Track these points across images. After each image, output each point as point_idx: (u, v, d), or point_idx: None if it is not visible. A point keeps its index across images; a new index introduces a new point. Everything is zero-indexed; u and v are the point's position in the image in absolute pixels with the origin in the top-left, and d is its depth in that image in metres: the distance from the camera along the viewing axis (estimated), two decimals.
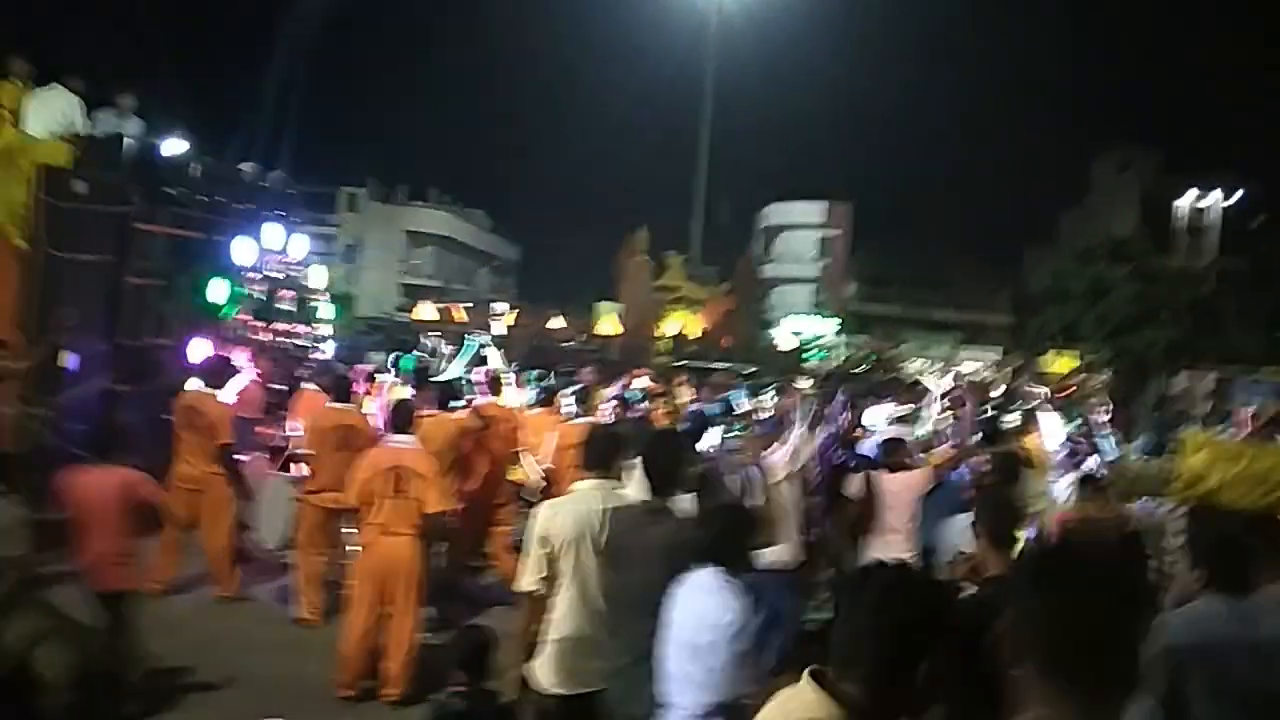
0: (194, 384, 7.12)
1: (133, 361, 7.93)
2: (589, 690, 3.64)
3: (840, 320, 44.49)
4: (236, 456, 7.22)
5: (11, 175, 7.72)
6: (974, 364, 43.77)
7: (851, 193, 48.37)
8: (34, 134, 8.20)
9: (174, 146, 9.19)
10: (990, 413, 8.87)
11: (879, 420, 8.02)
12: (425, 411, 6.73)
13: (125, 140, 8.61)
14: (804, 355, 31.35)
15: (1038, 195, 57.76)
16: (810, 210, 49.34)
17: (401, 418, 5.90)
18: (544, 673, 3.75)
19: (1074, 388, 15.55)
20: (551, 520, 3.77)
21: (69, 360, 7.42)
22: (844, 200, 48.57)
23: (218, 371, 7.28)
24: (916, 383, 10.39)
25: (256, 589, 7.32)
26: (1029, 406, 8.62)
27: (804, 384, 10.12)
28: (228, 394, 7.22)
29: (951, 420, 7.78)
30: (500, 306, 29.07)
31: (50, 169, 7.65)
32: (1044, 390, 9.55)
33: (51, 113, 8.36)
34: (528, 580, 3.77)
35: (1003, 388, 9.94)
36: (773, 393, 9.14)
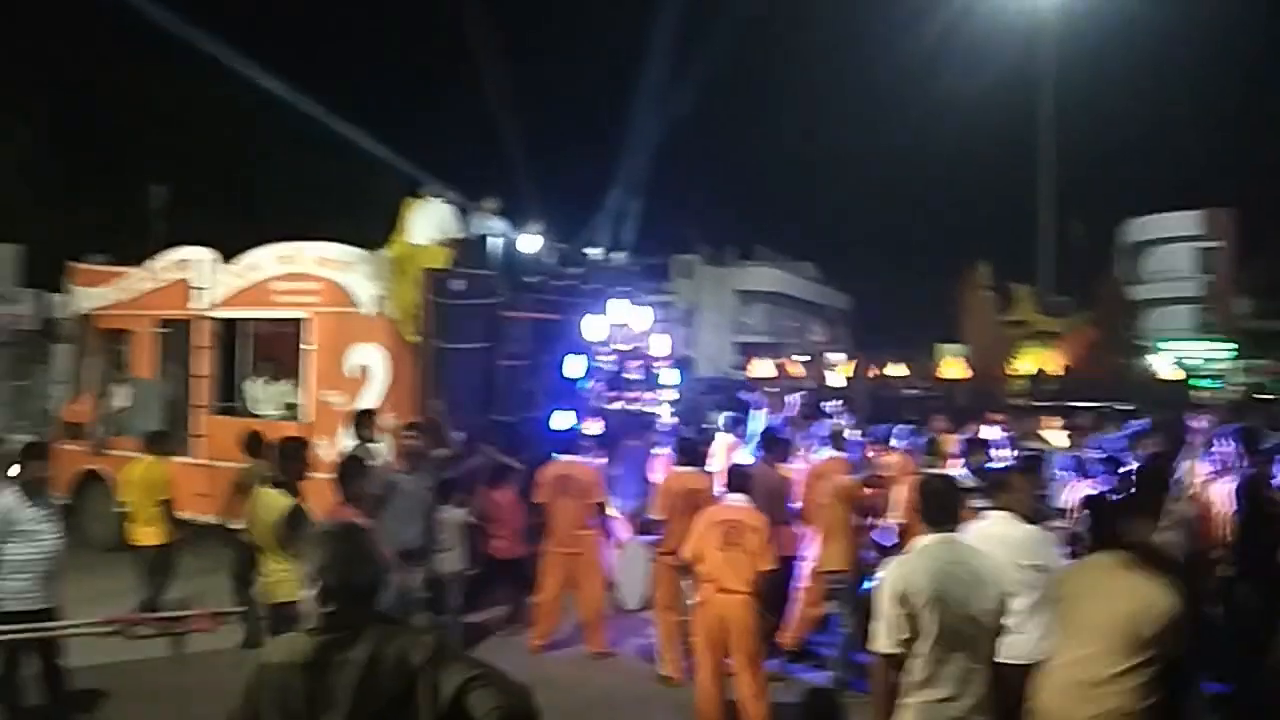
0: (563, 454, 7.70)
1: (508, 435, 8.76)
2: None
3: (1235, 343, 38.82)
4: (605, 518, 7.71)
5: (404, 280, 8.97)
6: None
7: (1230, 194, 42.23)
8: (419, 242, 9.47)
9: (531, 240, 10.16)
10: None
11: None
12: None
13: (491, 239, 9.67)
14: (1192, 384, 27.57)
15: None
16: (1185, 221, 43.69)
17: (736, 479, 6.05)
18: None
19: None
20: (907, 579, 3.60)
21: (456, 437, 8.34)
22: (1221, 205, 42.51)
23: (578, 440, 7.86)
24: None
25: (624, 645, 7.67)
26: None
27: (1201, 421, 8.79)
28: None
29: None
30: (835, 357, 28.78)
31: (433, 271, 8.77)
32: None
33: (432, 222, 9.62)
34: (884, 642, 3.62)
35: None
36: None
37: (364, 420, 7.82)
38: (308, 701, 2.19)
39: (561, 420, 8.52)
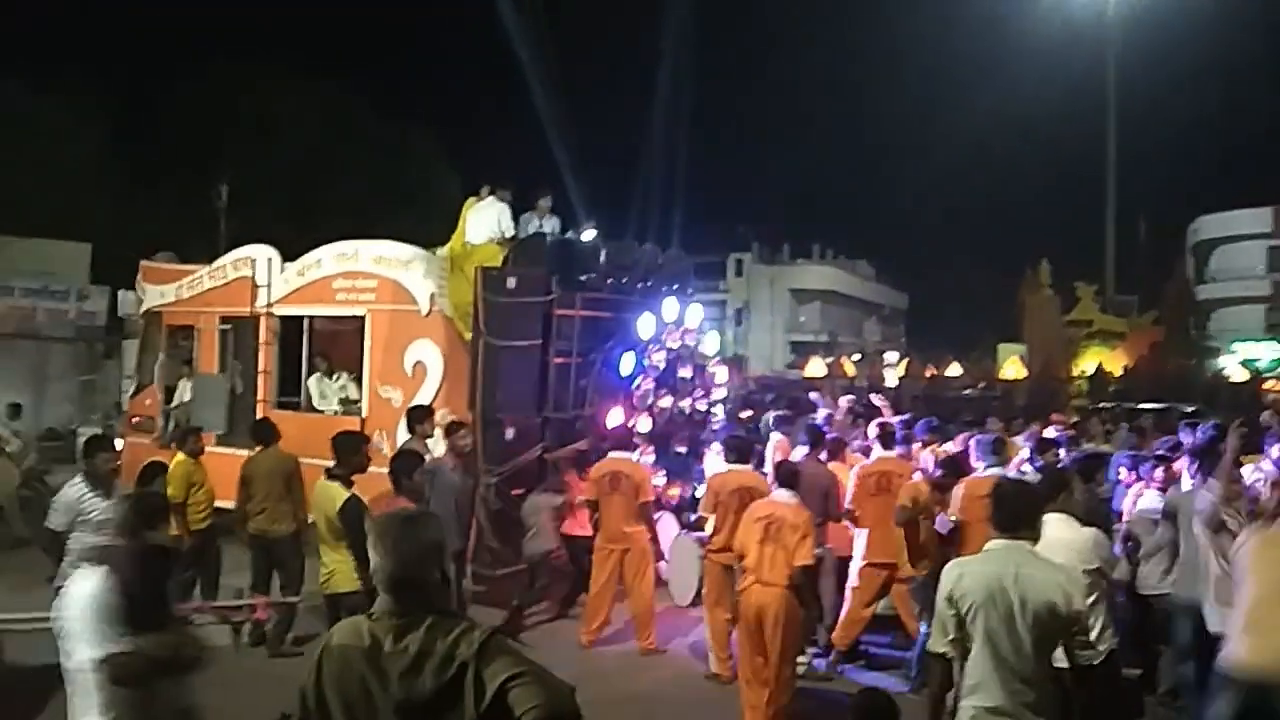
0: (614, 451, 7.75)
1: (560, 432, 8.83)
2: None
3: None
4: (654, 516, 7.74)
5: (460, 278, 9.09)
6: None
7: None
8: (474, 241, 9.59)
9: (584, 238, 10.23)
10: None
11: None
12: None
13: (545, 237, 9.76)
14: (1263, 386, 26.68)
15: None
16: (1254, 218, 42.20)
17: (784, 476, 6.12)
18: None
19: None
20: (959, 581, 3.59)
21: (509, 433, 8.44)
22: None
23: (629, 437, 7.90)
24: None
25: (674, 643, 7.69)
26: None
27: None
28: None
29: None
30: (890, 356, 28.40)
31: (487, 270, 8.88)
32: None
33: (487, 221, 9.74)
34: (937, 642, 3.63)
35: None
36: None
37: (419, 415, 7.95)
38: (362, 685, 2.23)
39: (613, 417, 8.55)
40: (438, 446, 7.68)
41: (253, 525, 7.36)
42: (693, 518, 8.16)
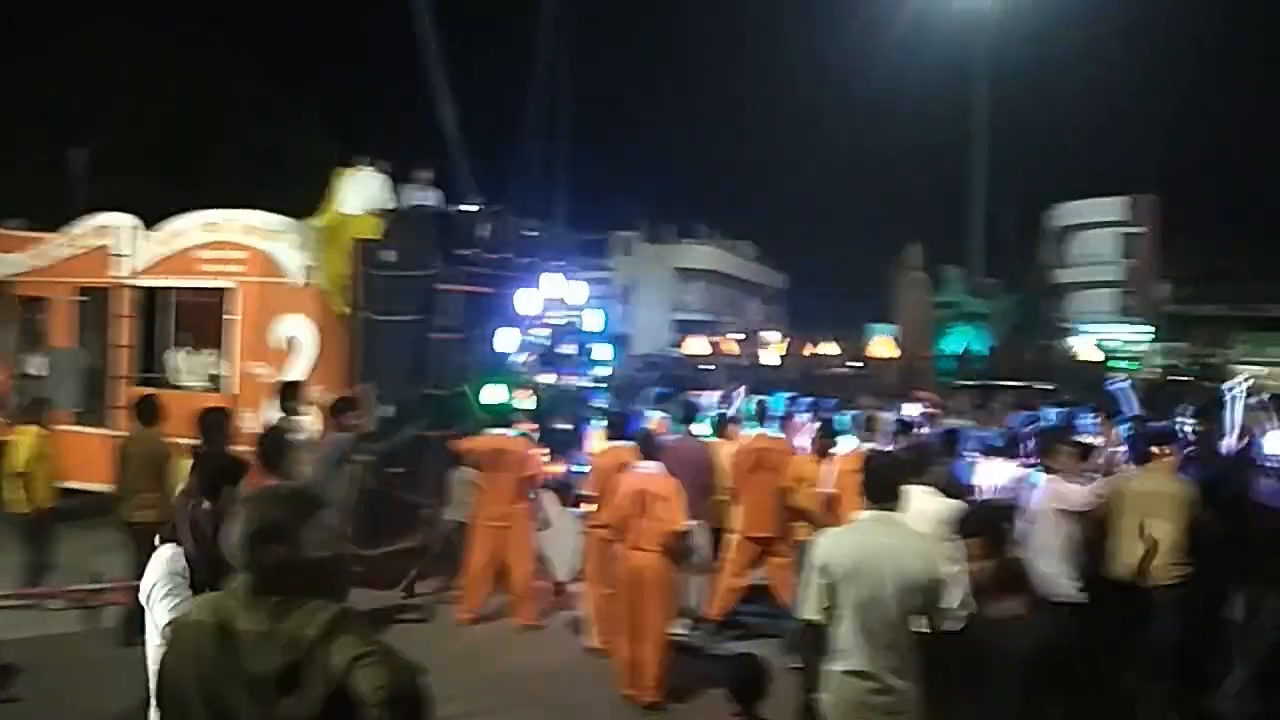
0: (493, 428, 7.69)
1: (438, 409, 8.71)
2: None
3: (1154, 326, 40.18)
4: (535, 493, 7.74)
5: (334, 251, 8.82)
6: None
7: (1153, 182, 43.52)
8: (350, 212, 9.31)
9: (465, 211, 10.05)
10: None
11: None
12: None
13: (425, 210, 9.55)
14: (1110, 366, 28.53)
15: None
16: (1109, 206, 44.85)
17: (646, 448, 6.31)
18: (828, 706, 3.67)
19: None
20: (829, 551, 3.72)
21: (387, 411, 8.27)
22: (1144, 192, 43.79)
23: (509, 415, 7.85)
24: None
25: (552, 618, 7.73)
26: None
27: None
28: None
29: None
30: (770, 336, 29.11)
31: (365, 242, 8.64)
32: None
33: (364, 192, 9.46)
34: (809, 609, 3.73)
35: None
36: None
37: (290, 392, 7.70)
38: (214, 663, 2.20)
39: (494, 394, 8.48)
40: (310, 423, 7.47)
41: (123, 509, 7.01)
42: (575, 494, 8.18)
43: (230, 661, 2.19)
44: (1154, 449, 6.02)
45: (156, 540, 3.56)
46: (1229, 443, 6.96)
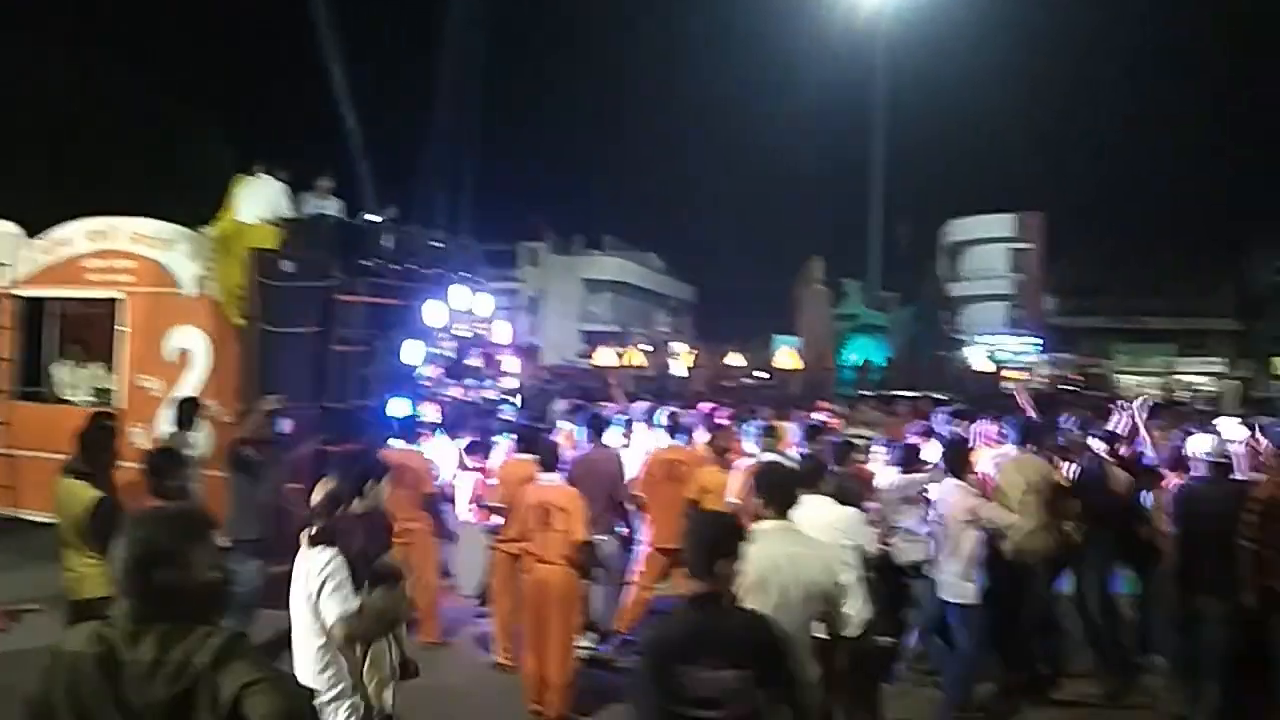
0: (397, 441, 7.55)
1: (340, 423, 8.51)
2: None
3: (1041, 337, 42.00)
4: (439, 507, 7.62)
5: (229, 260, 8.54)
6: (1195, 376, 40.32)
7: (1042, 199, 45.63)
8: (246, 221, 9.03)
9: (368, 222, 9.86)
10: None
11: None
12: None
13: (325, 219, 9.33)
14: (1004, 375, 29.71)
15: (1258, 180, 52.44)
16: (998, 223, 46.90)
17: (545, 459, 6.31)
18: None
19: None
20: None
21: (284, 425, 8.03)
22: (1033, 209, 45.91)
23: (414, 428, 7.72)
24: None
25: (459, 635, 7.62)
26: None
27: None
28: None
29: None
30: (678, 347, 29.36)
31: (262, 251, 8.39)
32: None
33: (261, 200, 9.19)
34: None
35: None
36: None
37: (184, 407, 7.42)
38: (94, 695, 2.11)
39: (398, 407, 8.32)
40: (204, 439, 7.20)
41: None
42: (480, 508, 8.09)
43: (113, 694, 2.11)
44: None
45: (304, 541, 3.82)
46: (1148, 452, 7.36)
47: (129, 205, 9.80)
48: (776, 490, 3.90)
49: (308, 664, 3.78)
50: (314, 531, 3.94)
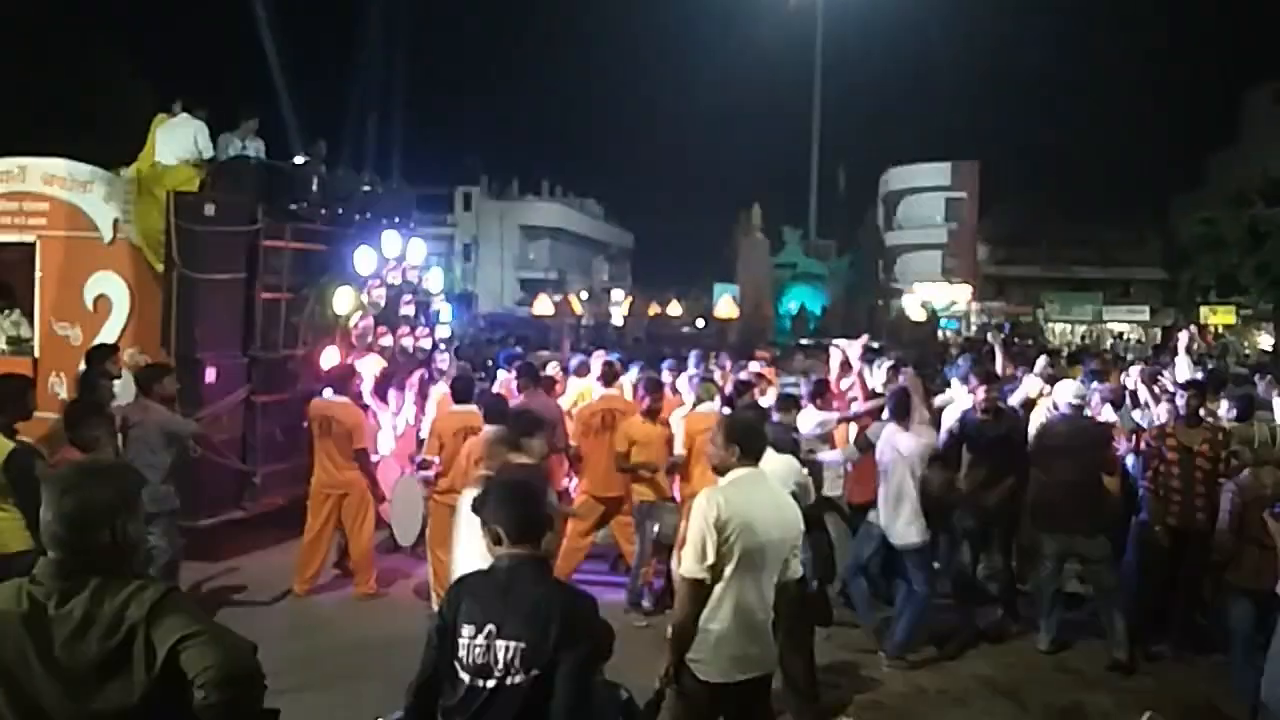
0: (327, 391, 7.38)
1: (268, 373, 8.29)
2: (754, 676, 3.70)
3: (972, 286, 42.85)
4: (371, 458, 7.49)
5: (149, 203, 8.19)
6: (1121, 324, 41.63)
7: (979, 152, 46.24)
8: (165, 162, 8.65)
9: (294, 163, 9.52)
10: None
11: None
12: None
13: (249, 161, 8.98)
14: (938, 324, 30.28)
15: (1183, 136, 53.95)
16: (934, 172, 47.42)
17: (490, 412, 6.23)
18: (703, 664, 3.65)
19: None
20: (727, 508, 3.63)
21: (208, 374, 7.81)
22: (970, 159, 46.46)
23: (346, 378, 7.54)
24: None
25: (396, 586, 7.57)
26: None
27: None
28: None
29: None
30: (616, 294, 29.26)
31: (181, 194, 8.04)
32: None
33: (180, 141, 8.77)
34: (695, 567, 3.63)
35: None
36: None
37: (101, 355, 7.13)
38: (20, 653, 2.05)
39: (328, 357, 8.13)
40: (124, 390, 6.94)
41: None
42: (417, 459, 8.00)
43: (41, 652, 2.05)
44: None
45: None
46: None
47: (41, 145, 9.34)
48: (748, 438, 3.85)
49: None
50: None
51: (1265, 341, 29.84)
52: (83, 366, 7.02)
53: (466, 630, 2.77)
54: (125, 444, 6.10)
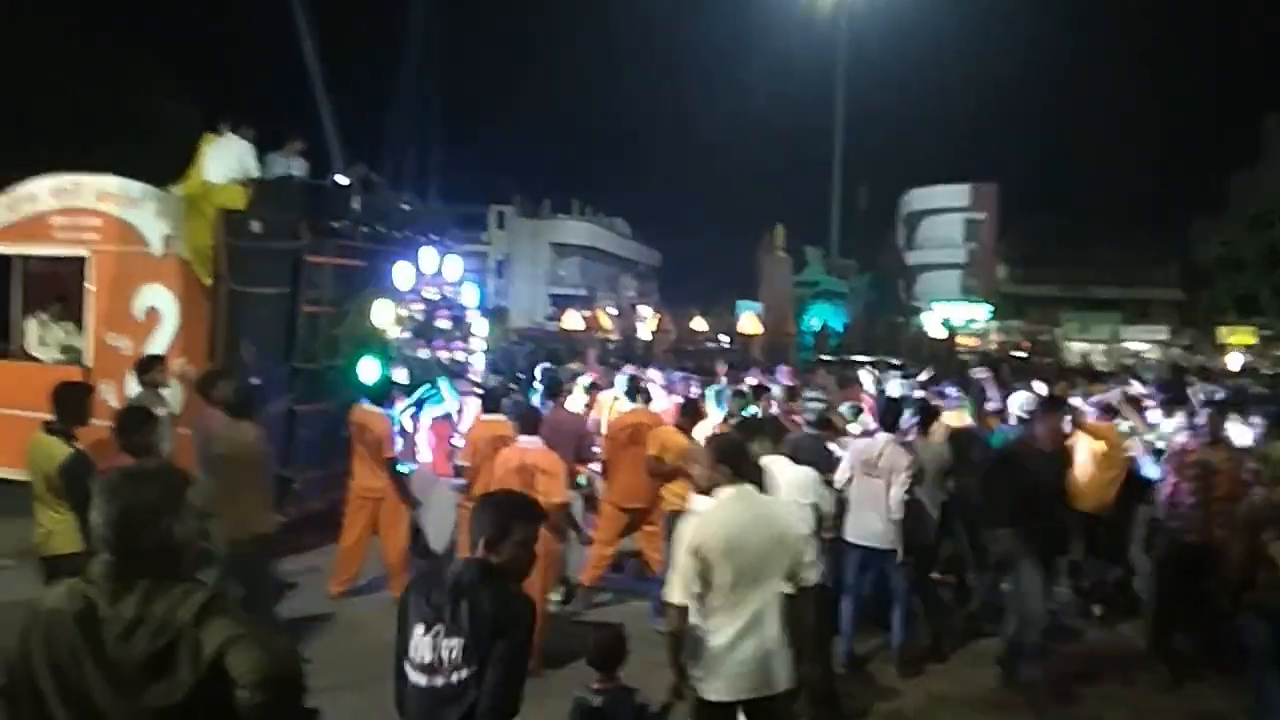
0: (364, 402, 7.65)
1: (309, 383, 8.58)
2: (762, 696, 3.74)
3: (992, 305, 42.70)
4: (402, 467, 7.73)
5: (198, 220, 8.54)
6: (1140, 344, 41.39)
7: (997, 172, 46.30)
8: (214, 181, 9.01)
9: (337, 183, 9.85)
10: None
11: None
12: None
13: (294, 181, 9.31)
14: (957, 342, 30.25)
15: (1204, 159, 53.72)
16: (954, 193, 47.52)
17: (525, 423, 6.37)
18: (708, 682, 3.75)
19: None
20: (702, 532, 3.74)
21: (255, 382, 8.09)
22: (989, 181, 46.52)
23: (385, 390, 7.81)
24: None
25: None
26: None
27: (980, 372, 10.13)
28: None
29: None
30: (644, 310, 29.48)
31: (229, 212, 8.39)
32: None
33: (228, 160, 9.14)
34: (676, 593, 3.75)
35: None
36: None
37: (151, 366, 7.45)
38: (73, 653, 2.11)
39: (367, 369, 8.40)
40: (172, 399, 7.25)
41: None
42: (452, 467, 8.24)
43: (93, 650, 2.11)
44: None
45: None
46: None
47: (95, 164, 9.71)
48: (732, 457, 3.95)
49: None
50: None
51: None
52: (134, 375, 7.34)
53: (418, 630, 2.93)
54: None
